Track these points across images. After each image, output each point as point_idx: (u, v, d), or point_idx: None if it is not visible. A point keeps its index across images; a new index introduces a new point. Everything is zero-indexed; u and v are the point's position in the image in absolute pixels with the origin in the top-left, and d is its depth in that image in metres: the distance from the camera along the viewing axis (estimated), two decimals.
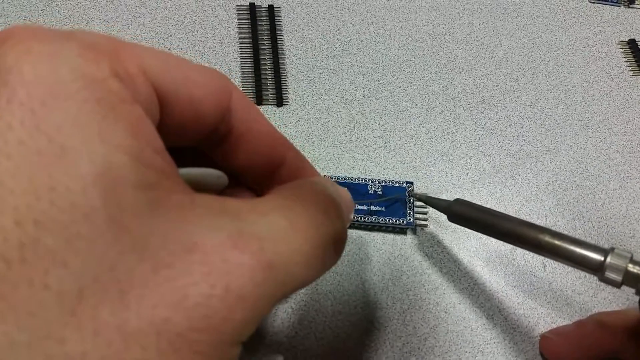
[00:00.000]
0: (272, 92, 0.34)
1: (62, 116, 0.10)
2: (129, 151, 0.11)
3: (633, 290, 0.21)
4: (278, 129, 0.17)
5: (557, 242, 0.22)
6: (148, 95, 0.12)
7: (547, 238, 0.23)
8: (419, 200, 0.29)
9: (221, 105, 0.14)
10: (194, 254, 0.11)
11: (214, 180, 0.15)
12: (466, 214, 0.26)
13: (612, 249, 0.22)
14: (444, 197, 0.31)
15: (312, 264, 0.13)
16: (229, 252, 0.11)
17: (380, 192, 0.30)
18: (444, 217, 0.27)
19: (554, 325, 0.28)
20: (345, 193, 0.16)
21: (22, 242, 0.09)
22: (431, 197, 0.29)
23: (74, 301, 0.10)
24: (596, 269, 0.22)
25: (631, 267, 0.21)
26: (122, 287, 0.10)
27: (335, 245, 0.14)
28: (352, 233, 0.30)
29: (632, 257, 0.21)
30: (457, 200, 0.27)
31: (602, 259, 0.21)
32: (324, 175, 0.31)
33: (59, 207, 0.10)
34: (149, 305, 0.10)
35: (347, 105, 0.35)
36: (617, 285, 0.21)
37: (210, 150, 0.16)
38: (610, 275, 0.21)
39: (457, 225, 0.27)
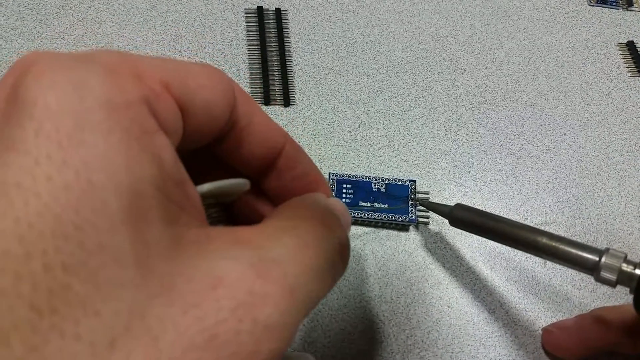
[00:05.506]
0: (279, 93, 0.35)
1: (89, 148, 0.10)
2: (154, 182, 0.11)
3: (628, 289, 0.22)
4: (285, 129, 0.17)
5: (554, 244, 0.23)
6: (173, 113, 0.12)
7: (545, 240, 0.23)
8: (422, 205, 0.30)
9: (229, 104, 0.14)
10: (219, 289, 0.11)
11: (234, 188, 0.16)
12: (467, 219, 0.26)
13: (607, 250, 0.22)
14: (446, 194, 0.32)
15: (326, 277, 0.13)
16: (253, 283, 0.11)
17: (383, 190, 0.31)
18: None
19: (554, 319, 0.28)
20: (339, 203, 0.17)
21: (52, 289, 0.09)
22: (433, 203, 0.29)
23: (107, 352, 0.09)
24: (592, 269, 0.22)
25: (625, 267, 0.21)
26: (153, 333, 0.10)
27: (342, 254, 0.15)
28: (357, 229, 0.31)
29: (626, 257, 0.22)
30: (457, 205, 0.27)
31: (597, 259, 0.22)
32: (329, 173, 0.31)
33: (88, 250, 0.09)
34: (181, 350, 0.10)
35: (352, 106, 0.35)
36: (612, 284, 0.22)
37: (214, 147, 0.16)
38: (605, 274, 0.22)
39: None
